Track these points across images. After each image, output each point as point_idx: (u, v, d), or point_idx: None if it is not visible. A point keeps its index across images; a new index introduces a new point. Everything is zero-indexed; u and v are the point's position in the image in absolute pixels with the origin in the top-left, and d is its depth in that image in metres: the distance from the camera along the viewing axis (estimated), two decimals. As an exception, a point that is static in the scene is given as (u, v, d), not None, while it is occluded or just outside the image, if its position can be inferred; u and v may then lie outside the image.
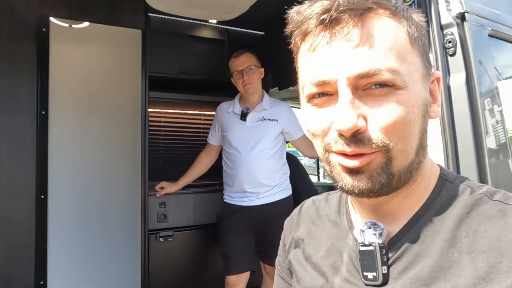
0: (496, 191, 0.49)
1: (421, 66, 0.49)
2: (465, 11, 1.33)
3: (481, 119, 1.28)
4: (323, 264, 0.58)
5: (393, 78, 0.44)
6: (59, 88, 1.99)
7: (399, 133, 0.45)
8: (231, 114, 2.03)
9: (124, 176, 2.20)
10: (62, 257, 1.96)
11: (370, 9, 0.46)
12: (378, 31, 0.45)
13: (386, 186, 0.47)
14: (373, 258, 0.50)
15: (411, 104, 0.46)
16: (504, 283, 0.41)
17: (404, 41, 0.47)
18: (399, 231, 0.51)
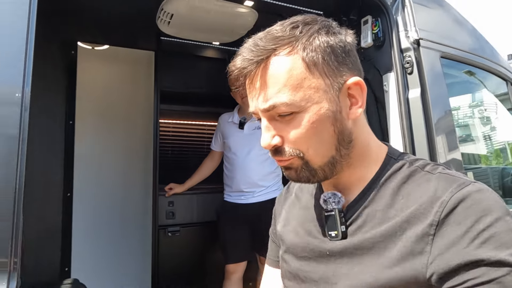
0: (428, 163, 0.62)
1: (322, 85, 0.59)
2: (420, 38, 1.64)
3: (433, 124, 1.57)
4: (300, 227, 0.73)
5: (288, 109, 0.58)
6: (84, 101, 2.30)
7: (306, 144, 0.60)
8: (231, 124, 2.32)
9: (138, 178, 2.49)
10: (83, 247, 2.24)
11: (270, 56, 0.59)
12: (273, 74, 0.58)
13: (313, 177, 0.63)
14: (334, 220, 0.63)
15: (312, 121, 0.58)
16: (421, 224, 0.54)
17: (299, 73, 0.58)
18: (353, 199, 0.64)
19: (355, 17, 1.88)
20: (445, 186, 0.56)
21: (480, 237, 0.50)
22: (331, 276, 0.63)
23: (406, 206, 0.58)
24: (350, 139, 0.63)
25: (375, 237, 0.58)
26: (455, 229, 0.52)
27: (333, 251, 0.63)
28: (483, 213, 0.51)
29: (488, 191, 0.55)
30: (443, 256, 0.51)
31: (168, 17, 2.11)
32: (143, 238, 2.40)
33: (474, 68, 1.90)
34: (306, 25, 0.61)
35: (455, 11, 1.88)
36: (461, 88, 2.17)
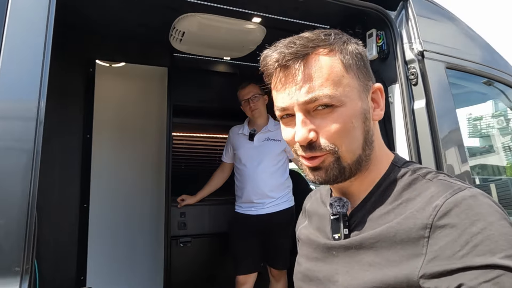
0: (430, 172, 0.64)
1: (356, 85, 0.64)
2: (424, 50, 1.65)
3: (439, 135, 1.56)
4: (314, 230, 0.78)
5: (330, 101, 0.61)
6: (100, 116, 2.41)
7: (342, 139, 0.62)
8: (241, 135, 2.37)
9: (152, 190, 2.57)
10: (98, 257, 2.31)
11: (309, 53, 0.63)
12: (315, 69, 0.62)
13: (340, 176, 0.65)
14: (339, 223, 0.67)
15: (350, 116, 0.62)
16: (415, 227, 0.57)
17: (339, 70, 0.63)
18: (357, 205, 0.68)
19: (360, 31, 1.91)
20: (441, 192, 0.58)
21: (474, 240, 0.51)
22: (334, 274, 0.66)
23: (404, 210, 0.60)
24: (373, 140, 0.67)
25: (373, 238, 0.61)
26: (449, 232, 0.53)
27: (337, 251, 0.67)
28: (477, 217, 0.52)
29: (482, 196, 0.56)
30: (437, 259, 0.53)
31: (180, 35, 2.21)
32: (156, 249, 2.45)
33: (484, 79, 1.88)
34: (336, 34, 0.67)
35: (461, 23, 1.89)
36: (475, 99, 2.15)
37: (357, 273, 0.62)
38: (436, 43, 1.70)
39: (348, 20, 1.93)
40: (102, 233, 2.35)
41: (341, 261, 0.66)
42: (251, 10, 2.01)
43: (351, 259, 0.64)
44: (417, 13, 1.73)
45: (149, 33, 2.44)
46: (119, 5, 2.07)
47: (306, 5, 1.81)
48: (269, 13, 2.05)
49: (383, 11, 1.71)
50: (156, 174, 2.56)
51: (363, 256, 0.62)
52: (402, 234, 0.58)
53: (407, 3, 1.75)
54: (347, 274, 0.64)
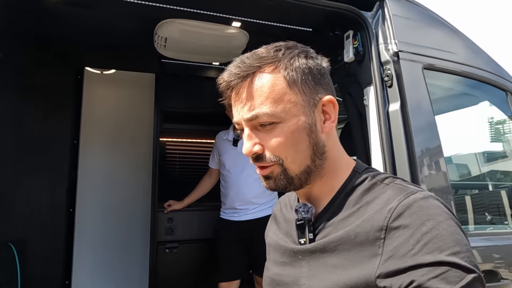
0: (388, 177, 0.68)
1: (300, 101, 0.66)
2: (399, 50, 1.60)
3: (413, 138, 1.50)
4: (282, 235, 0.80)
5: (269, 119, 0.65)
6: (88, 122, 2.46)
7: (285, 152, 0.66)
8: (226, 141, 2.36)
9: (139, 195, 2.58)
10: (84, 262, 2.34)
11: (255, 72, 0.66)
12: (258, 87, 0.66)
13: (290, 185, 0.69)
14: (304, 228, 0.70)
15: (291, 131, 0.65)
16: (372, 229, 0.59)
17: (280, 88, 0.65)
18: (321, 210, 0.71)
19: (340, 33, 1.88)
20: (395, 195, 0.62)
21: (424, 239, 0.55)
22: (300, 278, 0.69)
23: (364, 214, 0.63)
24: (323, 151, 0.70)
25: (336, 241, 0.64)
26: (403, 232, 0.56)
27: (303, 255, 0.69)
28: (427, 218, 0.56)
29: (432, 198, 0.60)
30: (392, 259, 0.56)
31: (163, 41, 2.23)
32: (142, 255, 2.45)
33: (468, 80, 1.81)
34: (288, 49, 0.69)
35: (443, 22, 1.82)
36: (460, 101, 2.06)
37: (322, 275, 0.64)
38: (412, 43, 1.64)
39: (327, 22, 1.90)
40: (88, 238, 2.37)
41: (307, 265, 0.68)
42: (228, 14, 2.01)
43: (316, 262, 0.66)
44: (393, 13, 1.68)
45: (137, 40, 2.47)
46: (104, 14, 2.12)
47: (281, 8, 1.80)
48: (247, 17, 2.04)
49: (357, 11, 1.67)
50: (144, 180, 2.58)
51: (327, 259, 0.64)
52: (361, 236, 0.61)
53: (383, 3, 1.71)
54: (313, 277, 0.66)
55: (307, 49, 0.71)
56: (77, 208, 2.32)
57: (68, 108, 2.36)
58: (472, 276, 0.52)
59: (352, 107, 1.82)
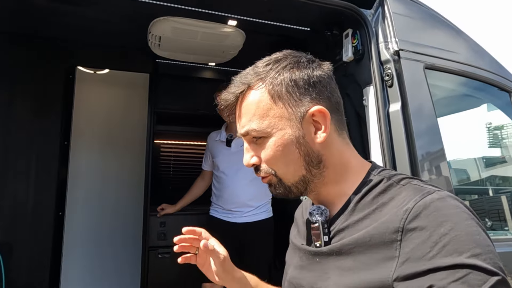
0: (404, 178, 0.67)
1: (286, 114, 0.69)
2: (400, 49, 1.54)
3: (414, 140, 1.44)
4: (299, 239, 0.81)
5: (257, 134, 0.70)
6: (80, 122, 2.39)
7: (276, 164, 0.70)
8: (218, 142, 2.28)
9: (131, 199, 2.50)
10: (73, 267, 2.25)
11: (244, 90, 0.71)
12: (246, 105, 0.71)
13: (289, 193, 0.72)
14: (318, 231, 0.71)
15: (277, 145, 0.69)
16: (388, 231, 0.58)
17: (266, 104, 0.69)
18: (336, 213, 0.71)
19: (338, 32, 1.82)
20: (411, 196, 0.60)
21: (442, 241, 0.53)
22: (317, 281, 0.69)
23: (379, 216, 0.62)
24: (319, 160, 0.70)
25: (351, 243, 0.63)
26: (419, 234, 0.55)
27: (320, 258, 0.70)
28: (444, 218, 0.54)
29: (450, 197, 0.59)
30: (409, 261, 0.54)
31: (157, 40, 2.17)
32: (134, 260, 2.37)
33: (470, 81, 1.75)
34: (276, 62, 0.72)
35: (445, 20, 1.77)
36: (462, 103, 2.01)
37: (338, 278, 0.64)
38: (413, 42, 1.59)
39: (325, 21, 1.85)
40: (77, 243, 2.29)
41: (323, 268, 0.68)
42: (225, 12, 1.95)
43: (332, 265, 0.66)
44: (393, 11, 1.63)
45: (131, 39, 2.41)
46: (97, 11, 2.06)
47: (278, 6, 1.74)
48: (243, 15, 1.99)
49: (357, 9, 1.61)
50: (137, 183, 2.50)
51: (342, 262, 0.64)
52: (376, 239, 0.60)
53: (383, 1, 1.66)
54: (328, 280, 0.66)
55: (298, 59, 0.72)
56: (67, 212, 2.25)
57: (59, 108, 2.30)
58: (496, 279, 0.50)
59: (350, 108, 1.76)
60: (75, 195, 2.31)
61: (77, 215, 2.32)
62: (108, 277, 2.35)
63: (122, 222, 2.45)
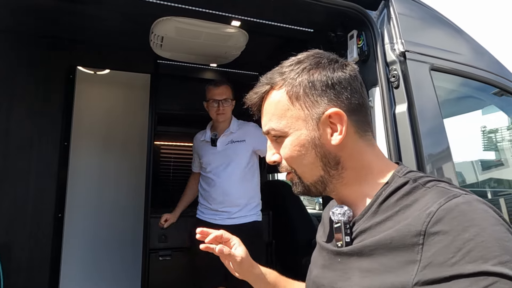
0: (431, 180, 0.66)
1: (302, 115, 0.70)
2: (406, 50, 1.54)
3: (421, 141, 1.43)
4: (327, 235, 0.81)
5: (276, 133, 0.72)
6: (80, 123, 2.36)
7: (294, 163, 0.72)
8: (204, 143, 2.23)
9: (132, 200, 2.47)
10: (73, 269, 2.22)
11: (268, 90, 0.74)
12: (268, 105, 0.74)
13: (309, 191, 0.74)
14: (340, 231, 0.71)
15: (294, 145, 0.71)
16: (410, 234, 0.57)
17: (284, 104, 0.71)
18: (359, 214, 0.70)
19: (342, 33, 1.81)
20: (436, 199, 0.58)
21: (466, 246, 0.50)
22: (337, 281, 0.69)
23: (402, 218, 0.61)
24: (337, 162, 0.71)
25: (372, 245, 0.63)
26: (442, 238, 0.53)
27: (342, 258, 0.70)
28: (470, 223, 0.52)
29: (477, 201, 0.56)
30: (431, 266, 0.53)
31: (159, 40, 2.15)
32: (134, 262, 2.34)
33: (474, 83, 1.75)
34: (298, 63, 0.73)
35: (449, 22, 1.77)
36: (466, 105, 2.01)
37: (358, 279, 0.64)
38: (419, 43, 1.59)
39: (330, 22, 1.84)
40: (77, 245, 2.26)
41: (344, 268, 0.68)
42: (229, 12, 1.94)
43: (353, 265, 0.66)
44: (399, 12, 1.62)
45: (132, 39, 2.39)
46: (98, 10, 2.04)
47: (283, 6, 1.73)
48: (247, 16, 1.98)
49: (362, 10, 1.61)
50: (137, 185, 2.47)
51: (363, 263, 0.64)
52: (397, 241, 0.59)
53: (388, 2, 1.65)
54: (348, 281, 0.66)
55: (319, 60, 0.72)
56: (66, 213, 2.21)
57: (59, 108, 2.27)
58: None
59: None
60: (75, 197, 2.28)
61: (76, 216, 2.28)
62: (108, 279, 2.32)
63: (122, 224, 2.42)
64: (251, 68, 2.87)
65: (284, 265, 2.69)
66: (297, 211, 2.71)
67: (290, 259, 2.65)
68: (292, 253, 2.61)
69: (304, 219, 2.70)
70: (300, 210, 2.77)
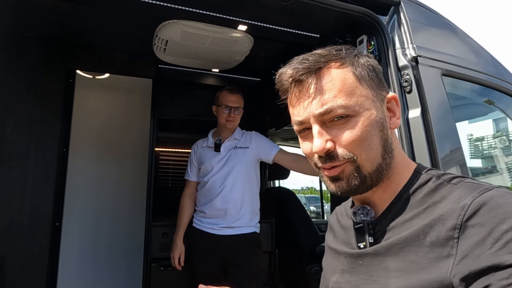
0: (455, 177, 0.64)
1: (370, 95, 0.66)
2: (418, 55, 1.54)
3: (436, 146, 1.42)
4: (341, 240, 0.78)
5: (344, 111, 0.63)
6: (79, 129, 2.29)
7: (359, 147, 0.64)
8: (206, 148, 2.18)
9: (132, 208, 2.40)
10: (70, 281, 2.12)
11: (321, 67, 0.66)
12: (328, 81, 0.65)
13: (362, 185, 0.65)
14: (363, 232, 0.68)
15: (366, 125, 0.64)
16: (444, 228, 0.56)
17: (351, 82, 0.65)
18: (381, 214, 0.68)
19: (351, 39, 1.81)
20: (468, 193, 0.57)
21: (504, 238, 0.50)
22: (361, 284, 0.65)
23: (431, 214, 0.59)
24: (392, 149, 0.68)
25: (400, 243, 0.61)
26: (479, 231, 0.52)
27: (363, 260, 0.67)
28: (506, 215, 0.51)
29: (510, 194, 0.55)
30: (467, 259, 0.52)
31: (163, 44, 2.11)
32: (135, 273, 2.25)
33: (485, 88, 1.76)
34: (347, 49, 0.70)
35: (457, 28, 1.79)
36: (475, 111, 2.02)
37: (385, 280, 0.61)
38: (430, 49, 1.59)
39: (338, 28, 1.84)
40: (75, 255, 2.17)
41: (368, 270, 0.65)
42: (236, 16, 1.92)
43: (378, 266, 0.64)
44: (409, 18, 1.63)
45: (134, 44, 2.35)
46: (100, 15, 2.00)
47: (293, 10, 1.72)
48: (255, 20, 1.96)
49: (374, 15, 1.61)
50: (138, 192, 2.40)
51: (389, 263, 0.62)
52: (431, 236, 0.57)
53: (399, 7, 1.66)
54: (375, 283, 0.63)
55: (358, 50, 0.72)
56: (64, 222, 2.13)
57: (57, 113, 2.20)
58: None
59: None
60: (73, 204, 2.20)
61: (75, 225, 2.20)
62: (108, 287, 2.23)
63: (122, 233, 2.34)
64: (252, 74, 2.85)
65: (287, 274, 2.64)
66: (300, 219, 2.67)
67: (294, 268, 2.60)
68: (296, 261, 2.56)
69: (307, 227, 2.66)
70: (303, 217, 2.73)
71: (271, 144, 2.17)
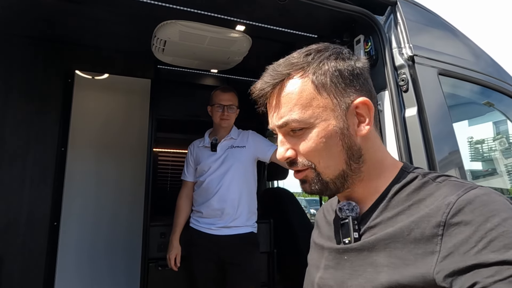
0: (440, 175, 0.65)
1: (330, 105, 0.66)
2: (414, 54, 1.54)
3: (433, 144, 1.43)
4: (326, 236, 0.79)
5: (298, 125, 0.66)
6: (78, 129, 2.29)
7: (317, 157, 0.66)
8: (202, 148, 2.18)
9: (130, 208, 2.40)
10: (68, 281, 2.12)
11: (284, 79, 0.68)
12: (286, 94, 0.67)
13: (325, 190, 0.68)
14: (348, 227, 0.69)
15: (320, 136, 0.65)
16: (428, 225, 0.57)
17: (308, 94, 0.66)
18: (368, 209, 0.69)
19: (348, 39, 1.82)
20: (453, 191, 0.58)
21: (489, 236, 0.50)
22: (346, 280, 0.66)
23: (416, 211, 0.60)
24: (360, 154, 0.68)
25: (386, 238, 0.61)
26: (464, 229, 0.52)
27: (349, 255, 0.67)
28: (491, 214, 0.52)
29: (495, 194, 0.56)
30: (453, 256, 0.52)
31: (162, 44, 2.12)
32: (133, 273, 2.25)
33: (482, 88, 1.77)
34: (318, 52, 0.69)
35: (453, 28, 1.80)
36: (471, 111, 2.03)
37: (371, 275, 0.62)
38: (427, 48, 1.60)
39: (336, 28, 1.85)
40: (73, 255, 2.17)
41: (353, 265, 0.66)
42: (234, 17, 1.92)
43: (363, 261, 0.64)
44: (406, 17, 1.64)
45: (133, 44, 2.36)
46: (99, 12, 2.00)
47: (291, 11, 1.73)
48: (253, 21, 1.97)
49: (371, 15, 1.62)
50: (136, 193, 2.40)
51: (375, 258, 0.62)
52: (415, 233, 0.58)
53: (395, 7, 1.67)
54: (361, 277, 0.63)
55: (339, 50, 0.71)
56: (62, 222, 2.13)
57: (56, 113, 2.20)
58: None
59: (364, 114, 1.74)
60: (72, 204, 2.20)
61: (73, 225, 2.20)
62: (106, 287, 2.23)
63: (120, 233, 2.34)
64: (251, 74, 2.85)
65: (285, 274, 2.63)
66: (298, 219, 2.67)
67: (292, 268, 2.59)
68: (294, 262, 2.55)
69: (306, 227, 2.66)
70: (301, 217, 2.73)
71: (268, 143, 2.18)
